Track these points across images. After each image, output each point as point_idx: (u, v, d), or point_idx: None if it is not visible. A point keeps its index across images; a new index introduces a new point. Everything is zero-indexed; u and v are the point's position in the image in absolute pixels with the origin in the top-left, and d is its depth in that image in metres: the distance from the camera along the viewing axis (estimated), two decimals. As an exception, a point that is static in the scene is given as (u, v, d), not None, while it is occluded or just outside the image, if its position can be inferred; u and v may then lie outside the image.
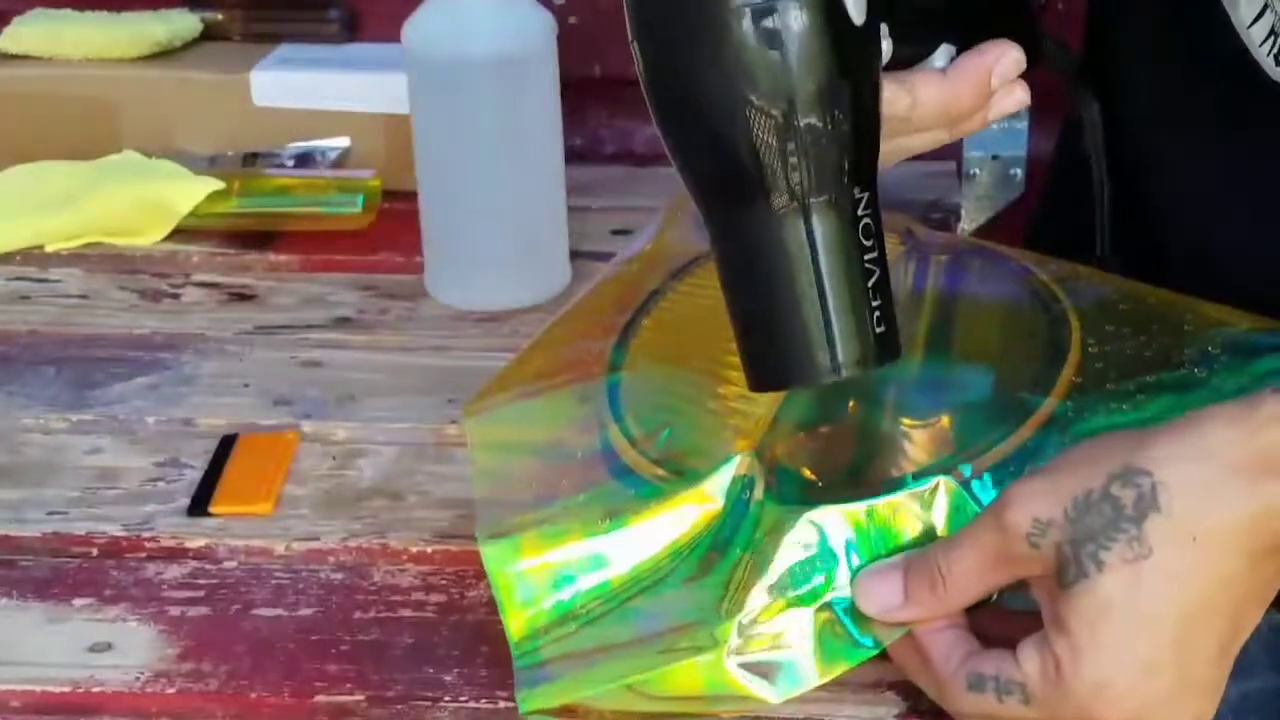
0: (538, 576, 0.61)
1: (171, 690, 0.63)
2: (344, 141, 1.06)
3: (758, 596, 0.58)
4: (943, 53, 0.59)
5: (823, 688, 0.61)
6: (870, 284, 0.52)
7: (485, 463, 0.69)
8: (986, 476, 0.59)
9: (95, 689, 0.63)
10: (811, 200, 0.50)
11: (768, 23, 0.49)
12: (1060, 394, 0.61)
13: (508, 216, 0.90)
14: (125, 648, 0.66)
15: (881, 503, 0.59)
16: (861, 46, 0.51)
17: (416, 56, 0.89)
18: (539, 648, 0.60)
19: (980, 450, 0.59)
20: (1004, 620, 0.58)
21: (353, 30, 1.13)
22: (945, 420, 0.62)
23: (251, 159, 1.05)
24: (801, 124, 0.50)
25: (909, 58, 0.58)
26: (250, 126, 1.06)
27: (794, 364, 0.52)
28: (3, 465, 0.78)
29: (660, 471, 0.63)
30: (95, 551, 0.72)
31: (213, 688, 0.63)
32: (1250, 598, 0.55)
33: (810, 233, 0.51)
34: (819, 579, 0.58)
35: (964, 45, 0.60)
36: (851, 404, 0.64)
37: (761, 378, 0.53)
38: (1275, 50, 0.66)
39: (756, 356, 0.53)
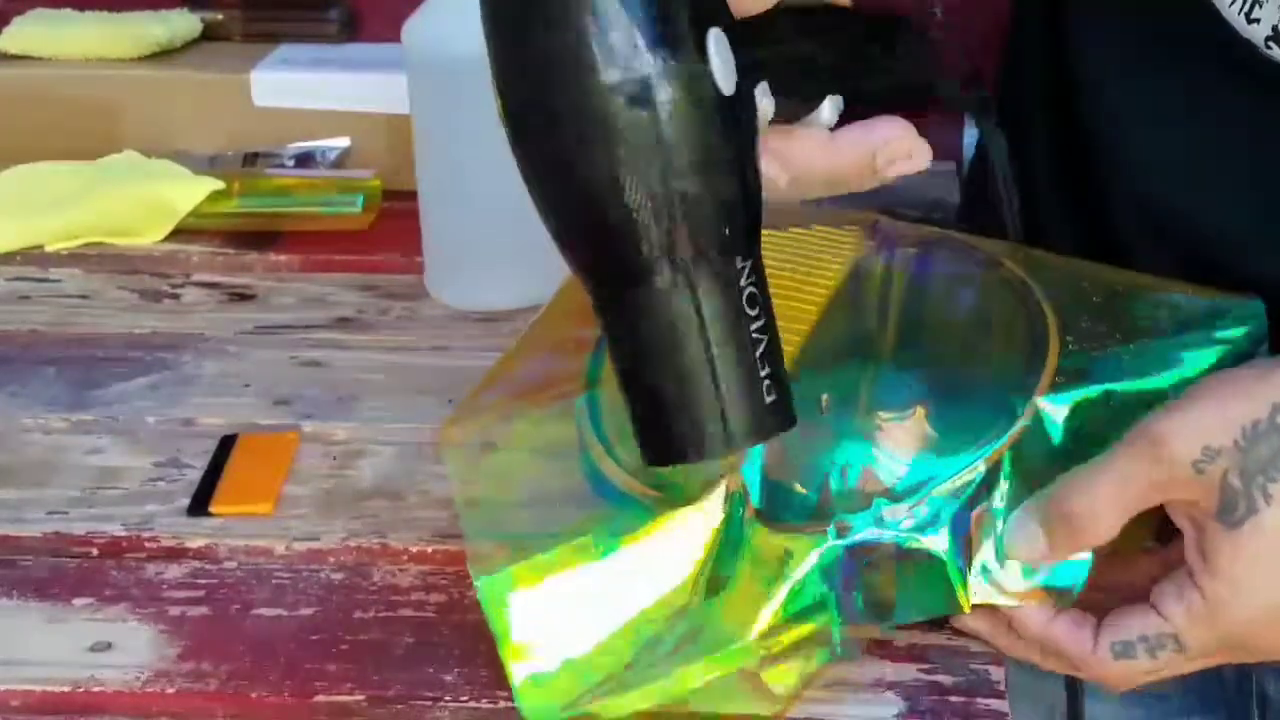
0: (534, 612, 0.60)
1: (171, 690, 0.63)
2: (344, 141, 1.06)
3: (765, 614, 0.58)
4: (829, 105, 0.57)
5: (823, 687, 0.62)
6: (758, 353, 0.51)
7: (469, 491, 0.68)
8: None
9: (95, 689, 0.63)
10: (693, 274, 0.50)
11: (635, 100, 0.48)
12: (1044, 391, 0.61)
13: (508, 216, 0.90)
14: (125, 648, 0.66)
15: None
16: (732, 116, 0.50)
17: (416, 56, 0.89)
18: (544, 701, 0.59)
19: (959, 468, 0.60)
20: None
21: (353, 30, 1.13)
22: (919, 412, 0.62)
23: (252, 159, 1.05)
24: (676, 200, 0.49)
25: (793, 113, 0.56)
26: (250, 126, 1.06)
27: (687, 438, 0.51)
28: (3, 465, 0.78)
29: (648, 491, 0.62)
30: (95, 551, 0.72)
31: (213, 688, 0.63)
32: None
33: (695, 306, 0.50)
34: (822, 589, 0.59)
35: (850, 95, 0.58)
36: (825, 399, 0.63)
37: (655, 453, 0.52)
38: (1246, 9, 0.66)
39: (649, 433, 0.52)
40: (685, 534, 0.60)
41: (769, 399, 0.51)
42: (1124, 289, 0.66)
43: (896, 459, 0.60)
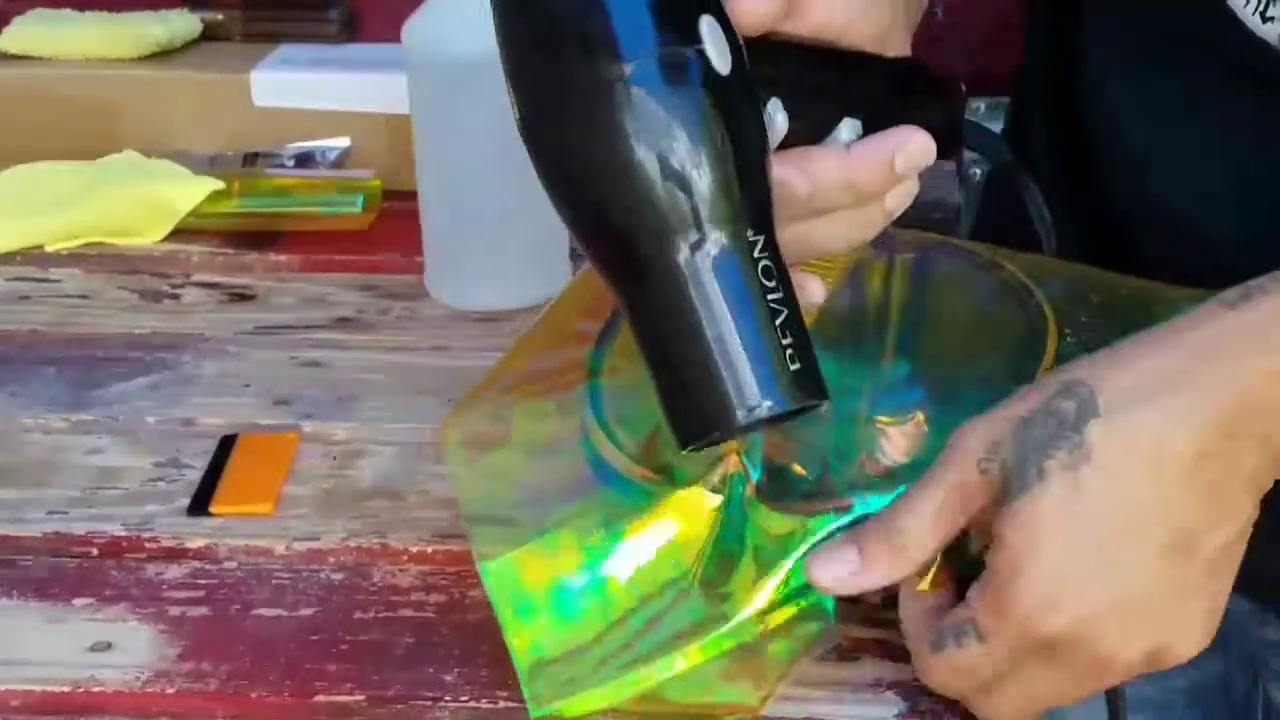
0: (539, 597, 0.61)
1: (171, 690, 0.63)
2: (344, 141, 1.06)
3: (765, 591, 0.59)
4: (847, 127, 0.58)
5: (823, 687, 0.62)
6: (778, 323, 0.52)
7: (470, 482, 0.68)
8: None
9: (95, 689, 0.63)
10: (706, 247, 0.51)
11: (636, 81, 0.50)
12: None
13: (508, 216, 0.90)
14: (125, 648, 0.66)
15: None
16: (731, 95, 0.51)
17: (416, 56, 0.89)
18: (551, 685, 0.59)
19: None
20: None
21: (353, 30, 1.13)
22: (919, 417, 0.62)
23: (252, 159, 1.05)
24: (685, 175, 0.51)
25: (812, 134, 0.57)
26: (250, 126, 1.06)
27: (714, 412, 0.52)
28: (3, 465, 0.78)
29: (649, 474, 0.63)
30: (95, 551, 0.72)
31: (213, 688, 0.63)
32: (1197, 506, 0.54)
33: (710, 278, 0.51)
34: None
35: (870, 123, 0.58)
36: (825, 406, 0.64)
37: (686, 432, 0.53)
38: (1261, 8, 0.66)
39: (678, 412, 0.53)
40: (686, 515, 0.60)
41: (793, 367, 0.52)
42: (1127, 292, 0.66)
43: (895, 462, 0.61)
